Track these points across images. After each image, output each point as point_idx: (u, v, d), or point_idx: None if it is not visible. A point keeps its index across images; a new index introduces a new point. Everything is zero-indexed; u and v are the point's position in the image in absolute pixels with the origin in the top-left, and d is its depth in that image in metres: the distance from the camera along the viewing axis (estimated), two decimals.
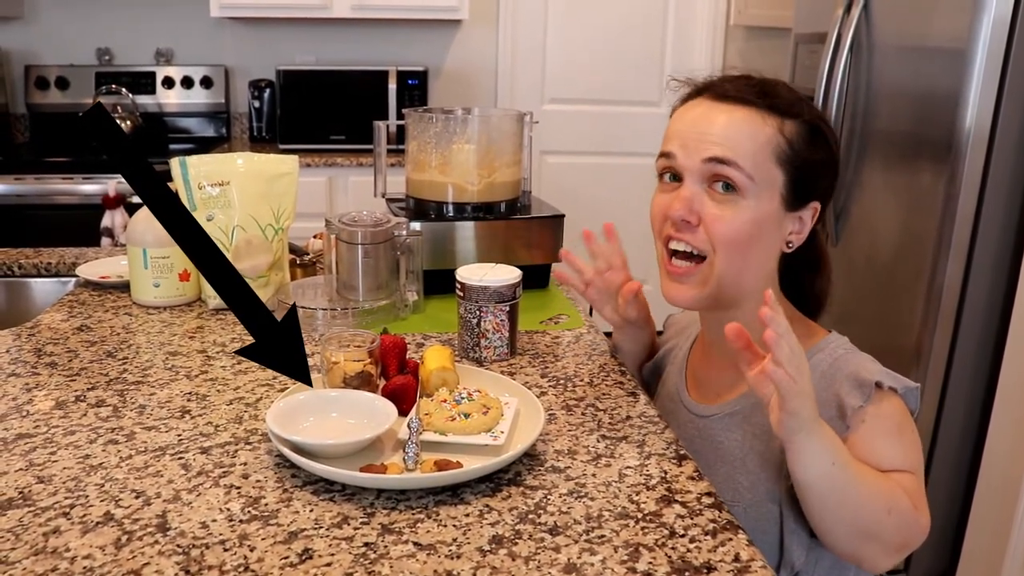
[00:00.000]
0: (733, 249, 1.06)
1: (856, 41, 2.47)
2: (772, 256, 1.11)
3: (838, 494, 0.95)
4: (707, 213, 1.06)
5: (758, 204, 1.05)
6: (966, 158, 2.05)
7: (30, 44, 3.83)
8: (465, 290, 1.28)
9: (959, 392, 2.19)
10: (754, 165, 1.04)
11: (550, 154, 4.07)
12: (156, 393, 1.15)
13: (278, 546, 0.80)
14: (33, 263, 1.77)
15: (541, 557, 0.79)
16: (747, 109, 1.06)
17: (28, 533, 0.81)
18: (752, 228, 1.05)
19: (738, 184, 1.04)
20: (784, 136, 1.05)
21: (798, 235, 1.10)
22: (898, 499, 0.98)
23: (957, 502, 2.27)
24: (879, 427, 1.02)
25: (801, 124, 1.06)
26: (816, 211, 1.10)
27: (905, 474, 1.02)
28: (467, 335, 1.30)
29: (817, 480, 0.95)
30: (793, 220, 1.09)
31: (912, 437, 1.05)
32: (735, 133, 1.04)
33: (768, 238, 1.08)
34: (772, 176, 1.05)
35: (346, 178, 3.43)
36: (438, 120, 1.60)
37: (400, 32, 3.96)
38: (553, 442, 1.02)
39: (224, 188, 1.47)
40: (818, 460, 0.93)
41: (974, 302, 2.12)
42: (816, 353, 1.10)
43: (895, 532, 0.99)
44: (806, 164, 1.06)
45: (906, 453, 1.03)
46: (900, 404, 1.05)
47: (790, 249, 1.10)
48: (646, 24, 4.05)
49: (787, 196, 1.06)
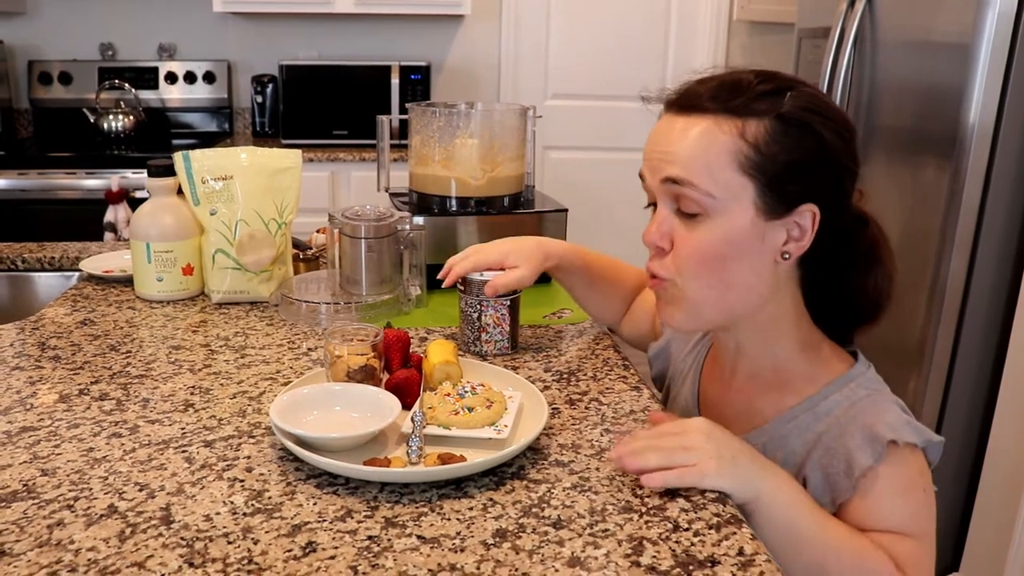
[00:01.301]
0: (704, 271, 0.97)
1: (860, 36, 2.46)
2: (761, 272, 0.98)
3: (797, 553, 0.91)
4: (677, 235, 0.98)
5: (726, 220, 0.95)
6: (970, 153, 2.04)
7: (33, 39, 3.83)
8: (466, 284, 1.28)
9: (962, 389, 2.19)
10: (712, 181, 0.93)
11: (552, 149, 4.07)
12: (159, 387, 1.15)
13: (282, 539, 0.80)
14: (37, 257, 1.77)
15: (545, 551, 0.79)
16: (702, 118, 0.95)
17: (32, 525, 0.81)
18: (723, 247, 0.95)
19: (698, 203, 0.95)
20: (746, 140, 0.93)
21: (797, 243, 0.97)
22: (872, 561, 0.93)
23: (960, 500, 2.27)
24: (886, 488, 0.96)
25: (771, 121, 0.93)
26: (815, 214, 0.96)
27: (901, 537, 0.95)
28: (468, 329, 1.30)
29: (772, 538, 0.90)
30: (783, 228, 0.96)
31: (923, 498, 0.98)
32: (688, 148, 0.95)
33: (749, 254, 0.96)
34: (737, 187, 0.94)
35: (348, 173, 3.43)
36: (441, 114, 1.60)
37: (403, 27, 3.96)
38: (557, 436, 1.02)
39: (227, 182, 1.47)
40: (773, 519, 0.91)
41: (977, 298, 2.12)
42: (834, 392, 1.02)
43: None
44: (781, 166, 0.93)
45: (910, 515, 0.97)
46: (916, 463, 0.97)
47: (787, 259, 0.97)
48: (649, 19, 4.05)
49: (764, 205, 0.94)
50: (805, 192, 0.95)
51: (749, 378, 1.09)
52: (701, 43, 4.07)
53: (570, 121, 4.07)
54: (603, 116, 4.10)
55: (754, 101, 0.94)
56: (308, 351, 1.29)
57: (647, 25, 4.05)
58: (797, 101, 0.95)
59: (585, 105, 4.09)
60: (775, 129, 0.93)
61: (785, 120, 0.94)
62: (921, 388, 2.20)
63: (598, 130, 4.11)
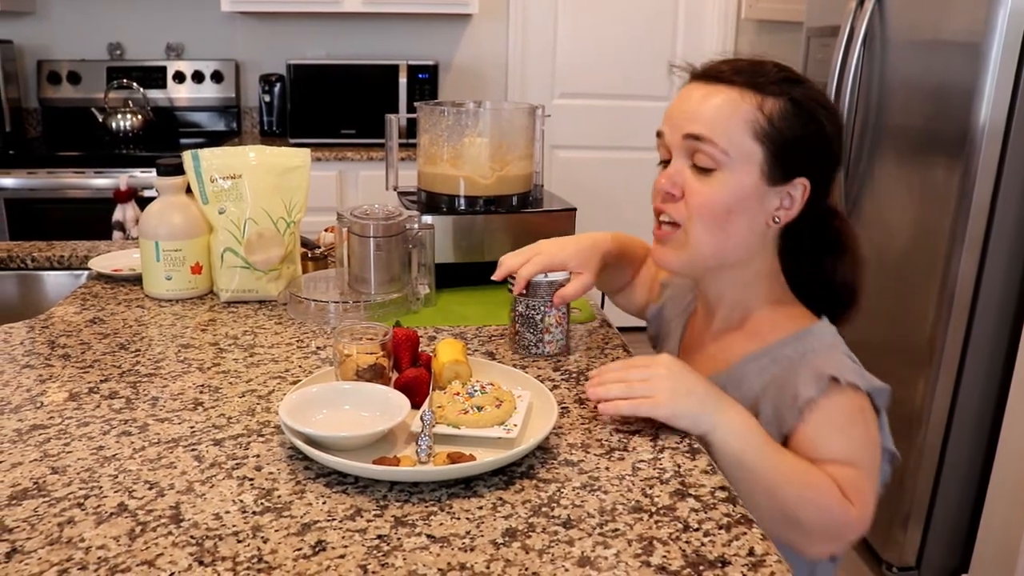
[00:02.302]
0: (709, 219, 1.11)
1: (869, 34, 2.46)
2: (755, 229, 1.13)
3: (750, 481, 0.99)
4: (688, 186, 1.12)
5: (735, 177, 1.09)
6: (981, 153, 2.03)
7: (42, 39, 3.84)
8: (529, 287, 1.26)
9: (972, 388, 2.18)
10: (728, 140, 1.08)
11: (560, 148, 4.06)
12: (169, 385, 1.15)
13: (291, 538, 0.80)
14: (46, 256, 1.77)
15: (555, 550, 0.79)
16: (728, 88, 1.10)
17: (43, 523, 0.81)
18: (729, 200, 1.10)
19: (714, 159, 1.09)
20: (763, 112, 1.08)
21: (787, 211, 1.12)
22: (824, 492, 1.00)
23: (970, 499, 2.26)
24: (827, 419, 1.05)
25: (785, 102, 1.09)
26: (805, 188, 1.11)
27: (843, 466, 1.03)
28: (530, 332, 1.27)
29: (727, 466, 0.99)
30: (778, 195, 1.11)
31: (864, 432, 1.07)
32: (713, 110, 1.09)
33: (748, 211, 1.11)
34: (749, 151, 1.08)
35: (356, 172, 3.43)
36: (450, 113, 1.60)
37: (410, 26, 3.96)
38: (566, 435, 1.02)
39: (236, 181, 1.47)
40: (727, 447, 1.00)
41: (987, 298, 2.11)
42: (794, 342, 1.13)
43: (820, 523, 1.01)
44: (788, 140, 1.09)
45: (851, 447, 1.05)
46: (857, 399, 1.07)
47: (777, 224, 1.13)
48: (656, 18, 4.04)
49: (768, 171, 1.09)
50: (801, 167, 1.11)
51: (722, 325, 1.22)
52: (709, 42, 4.07)
53: (577, 120, 4.07)
54: (610, 115, 4.09)
55: (773, 83, 1.10)
56: (317, 350, 1.29)
57: (655, 24, 4.05)
58: (807, 92, 1.12)
59: (593, 104, 4.09)
60: (787, 109, 1.09)
61: (796, 104, 1.09)
62: (930, 388, 2.20)
63: (605, 129, 4.10)
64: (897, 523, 2.33)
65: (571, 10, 4.02)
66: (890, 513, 2.34)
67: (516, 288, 1.26)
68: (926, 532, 2.30)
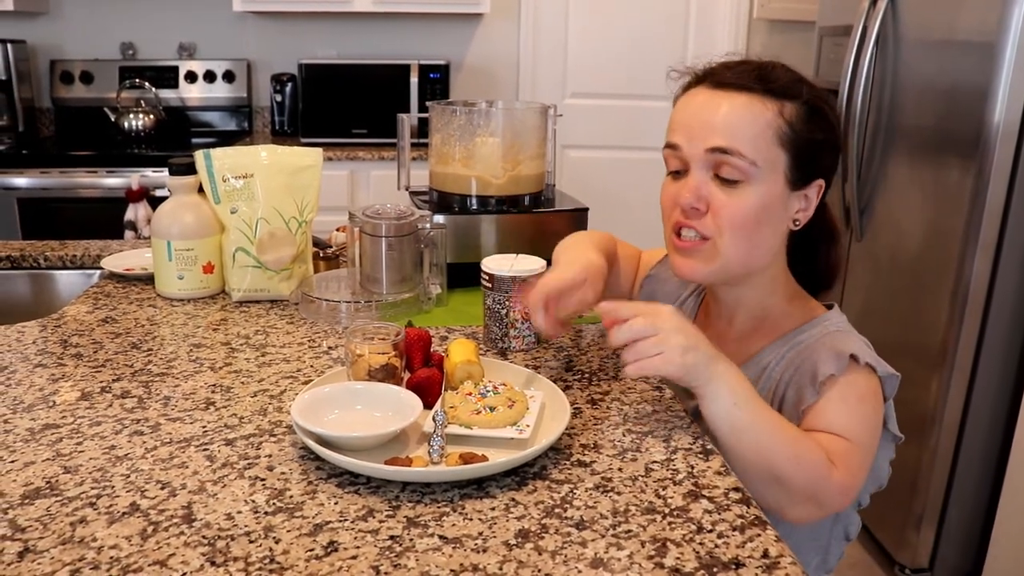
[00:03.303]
0: (740, 233, 1.10)
1: (882, 34, 2.44)
2: (779, 235, 1.14)
3: (739, 434, 1.00)
4: (715, 200, 1.10)
5: (763, 188, 1.09)
6: (994, 153, 2.02)
7: (55, 39, 3.86)
8: (493, 280, 1.28)
9: (985, 389, 2.17)
10: (755, 150, 1.07)
11: (571, 148, 4.05)
12: (180, 385, 1.15)
13: (303, 538, 0.80)
14: (59, 255, 1.78)
15: (568, 551, 0.78)
16: (746, 95, 1.08)
17: (56, 523, 0.82)
18: (759, 212, 1.09)
19: (742, 171, 1.07)
20: (784, 118, 1.08)
21: (804, 212, 1.14)
22: (809, 450, 1.02)
23: (984, 500, 2.25)
24: (840, 394, 1.06)
25: (800, 105, 1.09)
26: (821, 188, 1.14)
27: (838, 438, 1.05)
28: (495, 325, 1.30)
29: (718, 419, 1.00)
30: (799, 198, 1.13)
31: (869, 412, 1.08)
32: (736, 120, 1.07)
33: (775, 218, 1.12)
34: (775, 158, 1.08)
35: (368, 172, 3.43)
36: (462, 113, 1.60)
37: (421, 26, 3.96)
38: (578, 436, 1.01)
39: (248, 180, 1.47)
40: (720, 400, 1.00)
41: (1001, 299, 2.10)
42: (809, 328, 1.16)
43: (803, 482, 1.01)
44: (807, 143, 1.09)
45: (852, 423, 1.06)
46: (872, 382, 1.08)
47: (797, 227, 1.14)
48: (668, 18, 4.03)
49: (791, 176, 1.10)
50: (819, 168, 1.12)
51: (744, 326, 1.22)
52: (720, 41, 4.05)
53: (589, 120, 4.06)
54: (622, 115, 4.08)
55: (786, 86, 1.09)
56: (329, 349, 1.29)
57: (666, 24, 4.03)
58: (814, 92, 1.11)
59: (604, 104, 4.08)
60: (804, 111, 1.09)
61: (810, 106, 1.10)
62: (944, 389, 2.18)
63: (617, 129, 4.09)
64: (910, 525, 2.31)
65: (582, 9, 4.01)
66: (903, 514, 2.32)
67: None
68: (939, 534, 2.29)
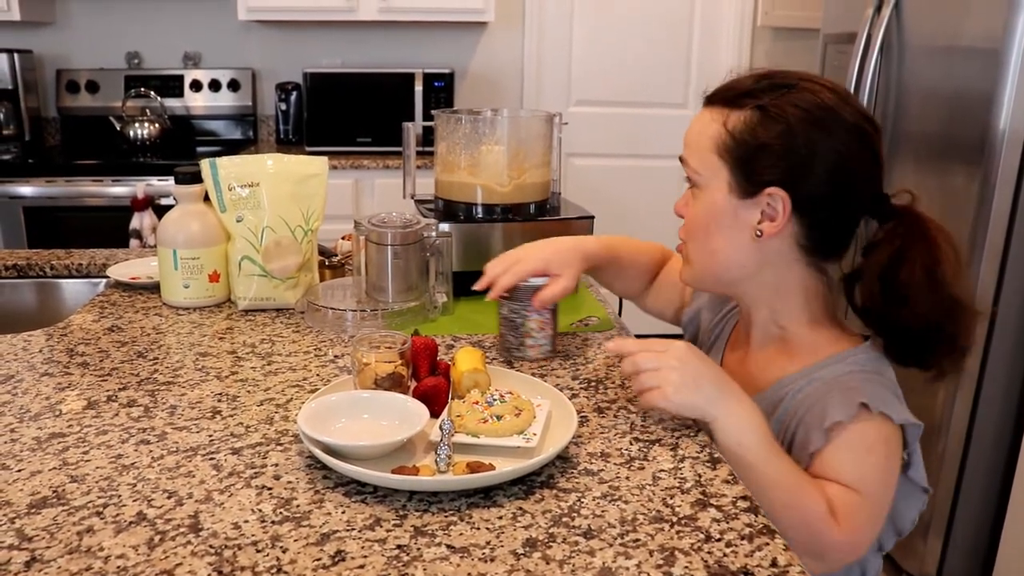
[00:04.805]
0: (694, 235, 1.16)
1: (886, 41, 2.44)
2: (739, 245, 1.11)
3: (741, 471, 0.98)
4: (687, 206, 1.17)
5: (708, 196, 1.12)
6: (1000, 160, 2.02)
7: (61, 48, 3.88)
8: (509, 290, 1.28)
9: (992, 397, 2.16)
10: (700, 161, 1.11)
11: (576, 156, 4.06)
12: (187, 393, 1.15)
13: (310, 548, 0.79)
14: (64, 264, 1.78)
15: (575, 561, 0.78)
16: (708, 109, 1.13)
17: (62, 532, 0.81)
18: (705, 217, 1.13)
19: (694, 180, 1.13)
20: (727, 128, 1.08)
21: (771, 223, 1.08)
22: (806, 499, 1.00)
23: (991, 509, 2.23)
24: (847, 443, 1.03)
25: (751, 111, 1.07)
26: (783, 199, 1.06)
27: (845, 489, 1.02)
28: (511, 335, 1.29)
29: (724, 453, 1.01)
30: (755, 208, 1.08)
31: (881, 463, 1.05)
32: (692, 133, 1.13)
33: (725, 228, 1.11)
34: (715, 167, 1.10)
35: (372, 180, 3.44)
36: (467, 122, 1.60)
37: (426, 34, 3.97)
38: (586, 445, 1.01)
39: (254, 189, 1.47)
40: (726, 436, 1.01)
41: (1008, 305, 2.09)
42: (833, 364, 1.11)
43: (798, 533, 0.97)
44: (747, 150, 1.07)
45: (861, 473, 1.03)
46: (884, 429, 1.05)
47: (759, 237, 1.09)
48: (672, 25, 4.04)
49: (735, 185, 1.09)
50: (767, 176, 1.07)
51: (761, 346, 1.21)
52: (725, 49, 4.06)
53: (593, 128, 4.07)
54: (626, 123, 4.09)
55: (744, 95, 1.08)
56: (335, 358, 1.29)
57: (670, 32, 4.04)
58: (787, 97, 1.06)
59: (608, 112, 4.08)
60: (752, 119, 1.06)
61: (764, 111, 1.06)
62: (950, 397, 2.18)
63: (622, 137, 4.10)
64: (917, 533, 2.30)
65: (587, 17, 4.02)
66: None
67: (490, 296, 1.28)
68: (947, 542, 2.28)
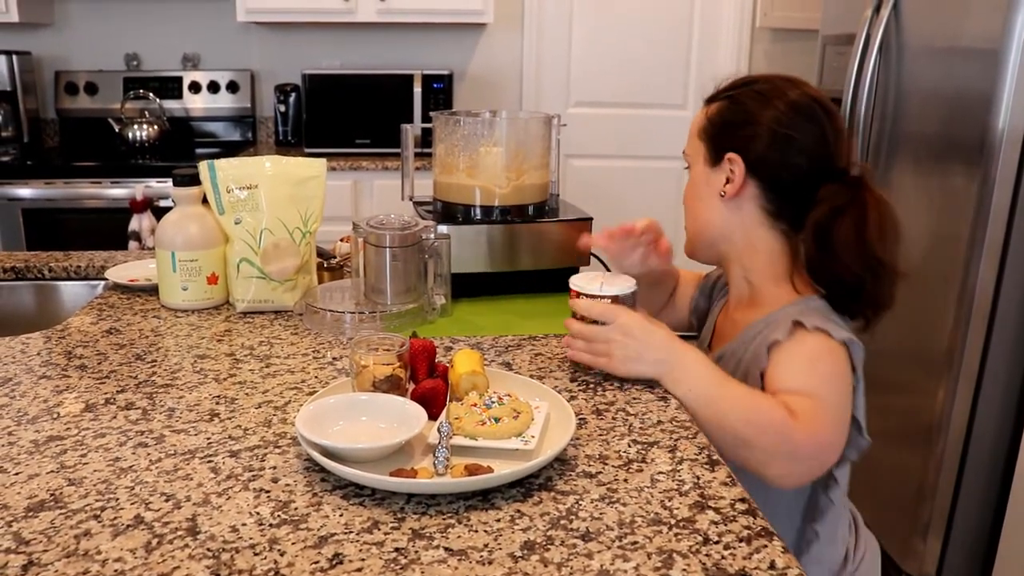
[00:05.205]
0: (687, 209, 1.37)
1: (885, 42, 2.44)
2: (711, 207, 1.31)
3: (698, 411, 1.13)
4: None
5: (693, 172, 1.35)
6: (999, 159, 2.02)
7: (60, 50, 3.88)
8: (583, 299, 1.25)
9: (992, 396, 2.16)
10: (689, 146, 1.35)
11: (575, 157, 4.06)
12: (185, 396, 1.15)
13: (308, 551, 0.79)
14: (63, 266, 1.78)
15: (574, 563, 0.78)
16: (703, 107, 1.35)
17: (60, 535, 0.81)
18: (691, 190, 1.36)
19: (687, 164, 1.37)
20: (707, 117, 1.32)
21: (731, 184, 1.28)
22: (763, 408, 1.12)
23: (991, 509, 2.23)
24: (788, 357, 1.18)
25: (721, 102, 1.31)
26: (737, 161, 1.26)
27: (798, 395, 1.14)
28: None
29: (683, 402, 1.14)
30: (721, 173, 1.29)
31: (827, 370, 1.17)
32: (691, 127, 1.36)
33: (703, 193, 1.33)
34: (698, 149, 1.33)
35: (371, 182, 3.44)
36: (466, 123, 1.60)
37: (425, 36, 3.97)
38: (584, 447, 1.01)
39: (252, 191, 1.47)
40: (677, 388, 1.16)
41: (1007, 305, 2.09)
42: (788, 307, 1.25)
43: (765, 440, 1.11)
44: (718, 128, 1.30)
45: (811, 381, 1.16)
46: (825, 342, 1.17)
47: (724, 196, 1.29)
48: (671, 26, 4.04)
49: (708, 157, 1.31)
50: (730, 144, 1.28)
51: (737, 302, 1.37)
52: (724, 50, 4.06)
53: (592, 129, 4.07)
54: (626, 124, 4.09)
55: (724, 90, 1.32)
56: (333, 360, 1.28)
57: (670, 33, 4.04)
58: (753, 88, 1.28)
59: (608, 113, 4.08)
60: (722, 105, 1.30)
61: (733, 99, 1.29)
62: (950, 396, 2.17)
63: (621, 138, 4.10)
64: (917, 533, 2.30)
65: (586, 18, 4.02)
66: (910, 523, 2.31)
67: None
68: (946, 542, 2.28)
